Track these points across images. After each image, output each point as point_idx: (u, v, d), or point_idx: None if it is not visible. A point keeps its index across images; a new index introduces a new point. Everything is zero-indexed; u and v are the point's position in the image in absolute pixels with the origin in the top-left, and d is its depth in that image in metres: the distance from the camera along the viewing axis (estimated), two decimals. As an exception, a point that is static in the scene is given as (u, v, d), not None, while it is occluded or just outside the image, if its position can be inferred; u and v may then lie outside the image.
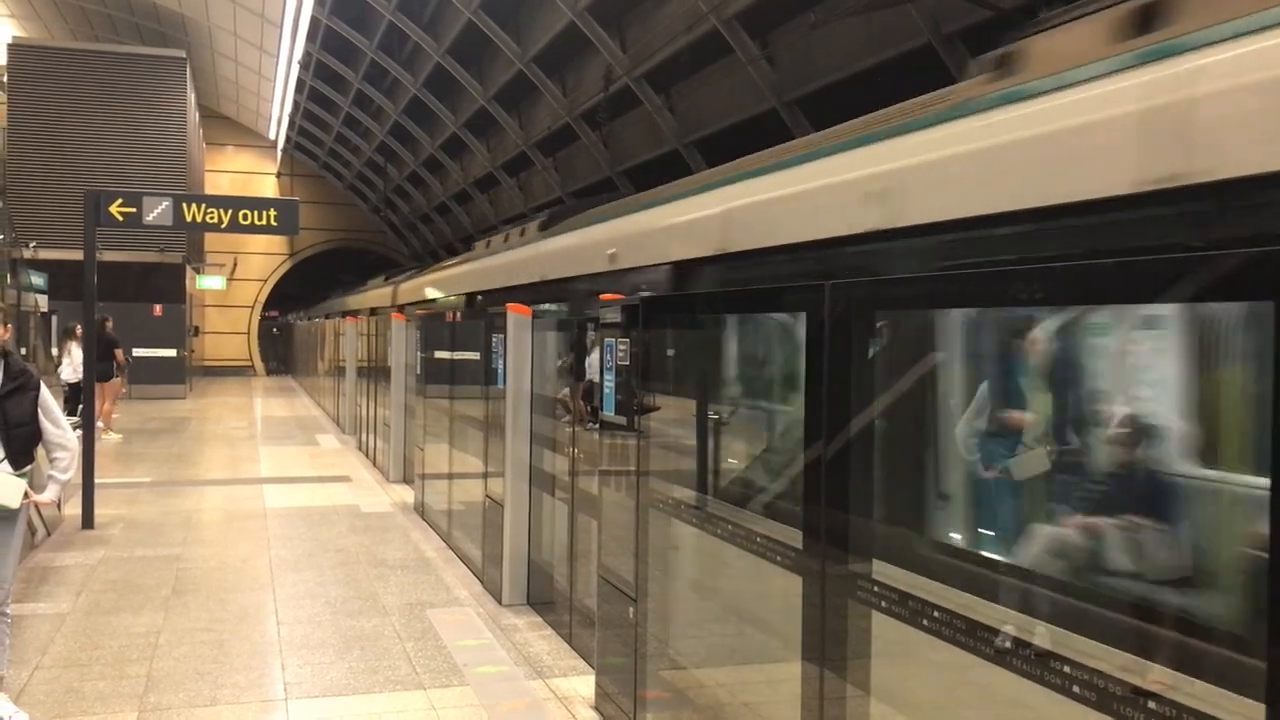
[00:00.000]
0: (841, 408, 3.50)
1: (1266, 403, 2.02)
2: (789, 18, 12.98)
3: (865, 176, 3.58)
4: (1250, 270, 2.10)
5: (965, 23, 10.21)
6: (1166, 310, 2.65)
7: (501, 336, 7.97)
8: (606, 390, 5.61)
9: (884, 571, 3.34)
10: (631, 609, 5.20)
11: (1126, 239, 2.51)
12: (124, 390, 19.97)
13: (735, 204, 4.63)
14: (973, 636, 2.90)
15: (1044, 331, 3.25)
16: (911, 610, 3.12)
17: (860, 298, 3.49)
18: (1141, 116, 2.48)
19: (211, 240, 37.63)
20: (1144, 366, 2.98)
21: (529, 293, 8.08)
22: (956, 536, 3.51)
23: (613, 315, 5.49)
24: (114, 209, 10.78)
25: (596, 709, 5.76)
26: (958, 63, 10.66)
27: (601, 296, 5.81)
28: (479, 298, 10.20)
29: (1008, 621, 2.95)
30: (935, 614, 3.01)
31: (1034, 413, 3.50)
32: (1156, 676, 2.44)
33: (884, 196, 3.45)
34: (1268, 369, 2.00)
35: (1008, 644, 2.81)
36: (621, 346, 5.35)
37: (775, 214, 4.25)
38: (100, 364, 14.08)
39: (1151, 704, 2.30)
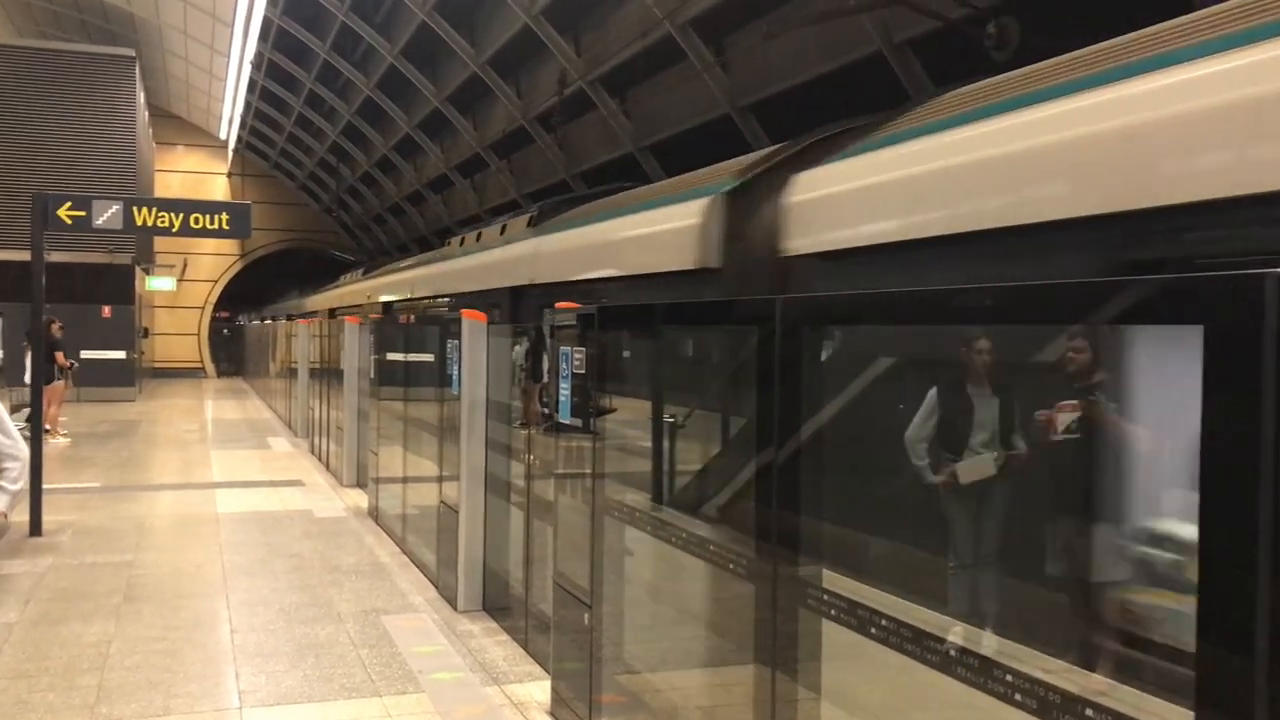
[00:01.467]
0: (791, 416, 3.58)
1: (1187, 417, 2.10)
2: (743, 24, 13.09)
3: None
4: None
5: (915, 32, 10.36)
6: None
7: (457, 342, 7.98)
8: (562, 396, 5.65)
9: (833, 578, 3.42)
10: (586, 614, 5.25)
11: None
12: (67, 393, 19.67)
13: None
14: (918, 643, 2.98)
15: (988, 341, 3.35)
16: (860, 618, 3.20)
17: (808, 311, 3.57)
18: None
19: (162, 241, 37.15)
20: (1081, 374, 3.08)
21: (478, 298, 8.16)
22: (903, 542, 3.60)
23: (568, 322, 5.54)
24: (63, 213, 10.65)
25: (552, 714, 5.80)
26: (908, 71, 10.83)
27: (558, 305, 5.86)
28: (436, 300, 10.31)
29: (952, 626, 3.03)
30: (883, 621, 3.09)
31: (980, 419, 3.60)
32: (1095, 684, 2.53)
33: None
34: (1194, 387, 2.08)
35: (952, 651, 2.89)
36: (577, 354, 5.40)
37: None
38: (43, 367, 13.89)
39: (1089, 711, 2.39)
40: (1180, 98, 3.51)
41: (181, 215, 11.14)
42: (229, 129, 37.79)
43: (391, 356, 10.97)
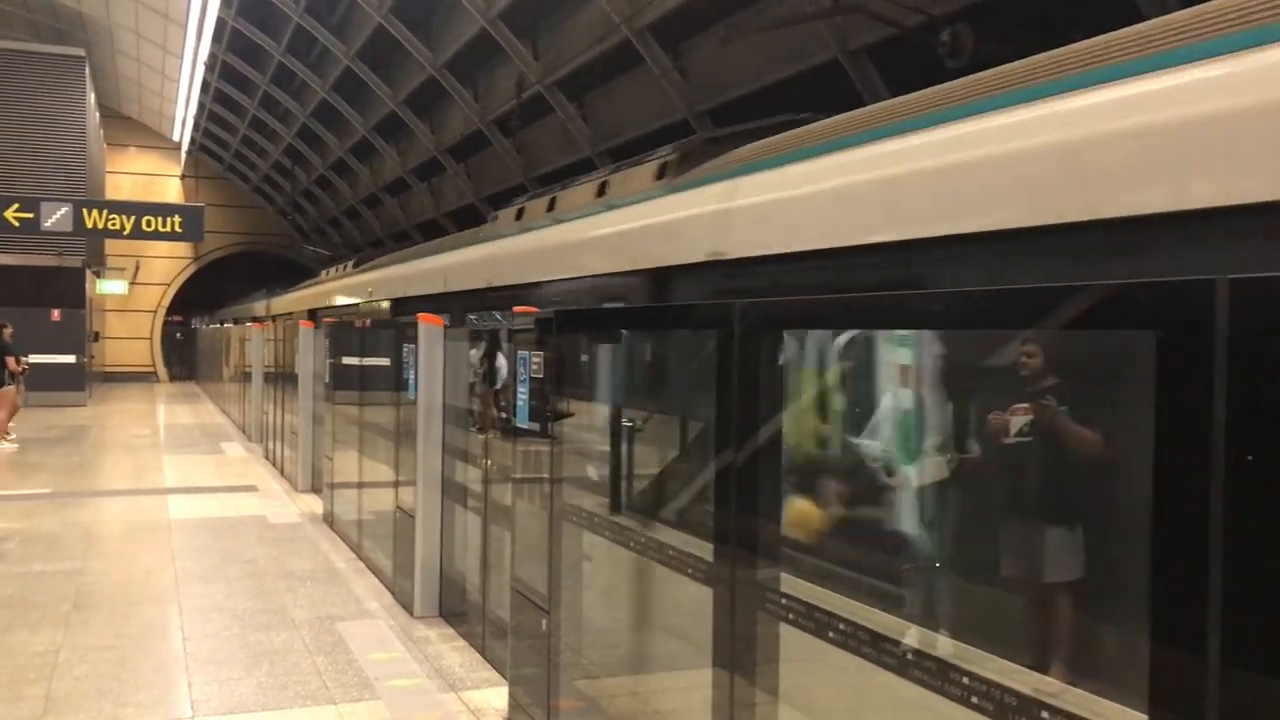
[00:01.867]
0: (749, 419, 3.59)
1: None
2: (700, 30, 13.13)
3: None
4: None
5: (871, 39, 10.45)
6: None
7: (413, 346, 7.94)
8: (520, 401, 5.63)
9: (791, 583, 3.43)
10: (544, 620, 5.23)
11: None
12: (19, 399, 19.31)
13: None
14: (875, 646, 3.00)
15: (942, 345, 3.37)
16: (818, 621, 3.21)
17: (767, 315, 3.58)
18: None
19: (113, 244, 36.57)
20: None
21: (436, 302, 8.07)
22: (860, 545, 3.62)
23: (527, 326, 5.52)
24: (10, 214, 10.48)
25: (509, 720, 5.78)
26: (864, 77, 10.91)
27: (516, 309, 5.84)
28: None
29: (908, 628, 3.05)
30: (840, 625, 3.11)
31: (934, 421, 3.62)
32: (1046, 685, 2.56)
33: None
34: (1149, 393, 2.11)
35: (909, 654, 2.91)
36: (535, 359, 5.38)
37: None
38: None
39: (1045, 714, 2.41)
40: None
41: (133, 218, 11.03)
42: (182, 130, 37.33)
43: (347, 360, 10.88)
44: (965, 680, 2.64)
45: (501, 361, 6.74)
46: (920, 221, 4.13)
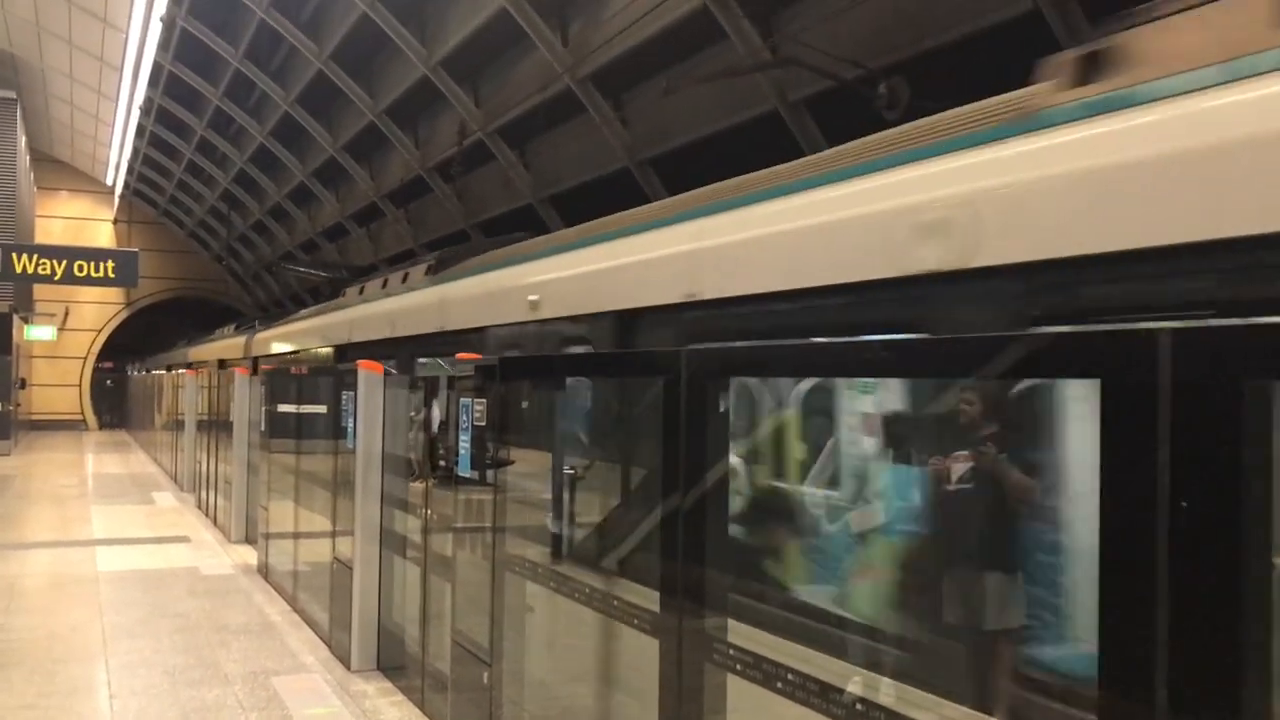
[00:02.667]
0: (695, 466, 3.58)
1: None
2: (642, 80, 13.26)
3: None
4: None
5: (809, 91, 10.62)
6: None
7: (352, 393, 7.84)
8: (462, 449, 5.57)
9: (738, 630, 3.41)
10: (486, 672, 5.15)
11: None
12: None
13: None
14: (822, 695, 2.98)
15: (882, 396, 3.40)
16: (765, 672, 3.19)
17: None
18: None
19: (42, 289, 35.84)
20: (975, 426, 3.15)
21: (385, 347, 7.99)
22: (801, 591, 3.61)
23: (468, 373, 5.48)
24: (-65, 258, 10.22)
25: (449, 775, 5.65)
26: (802, 128, 11.07)
27: (459, 356, 5.80)
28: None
29: (850, 675, 3.04)
30: (789, 676, 3.09)
31: (876, 469, 3.65)
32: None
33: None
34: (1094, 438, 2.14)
35: (857, 703, 2.89)
36: (478, 405, 5.34)
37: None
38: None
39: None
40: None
41: (64, 262, 10.82)
42: (116, 174, 36.79)
43: (284, 408, 10.71)
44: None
45: (436, 410, 6.67)
46: None
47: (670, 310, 5.09)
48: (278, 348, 16.75)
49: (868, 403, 3.65)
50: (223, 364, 16.96)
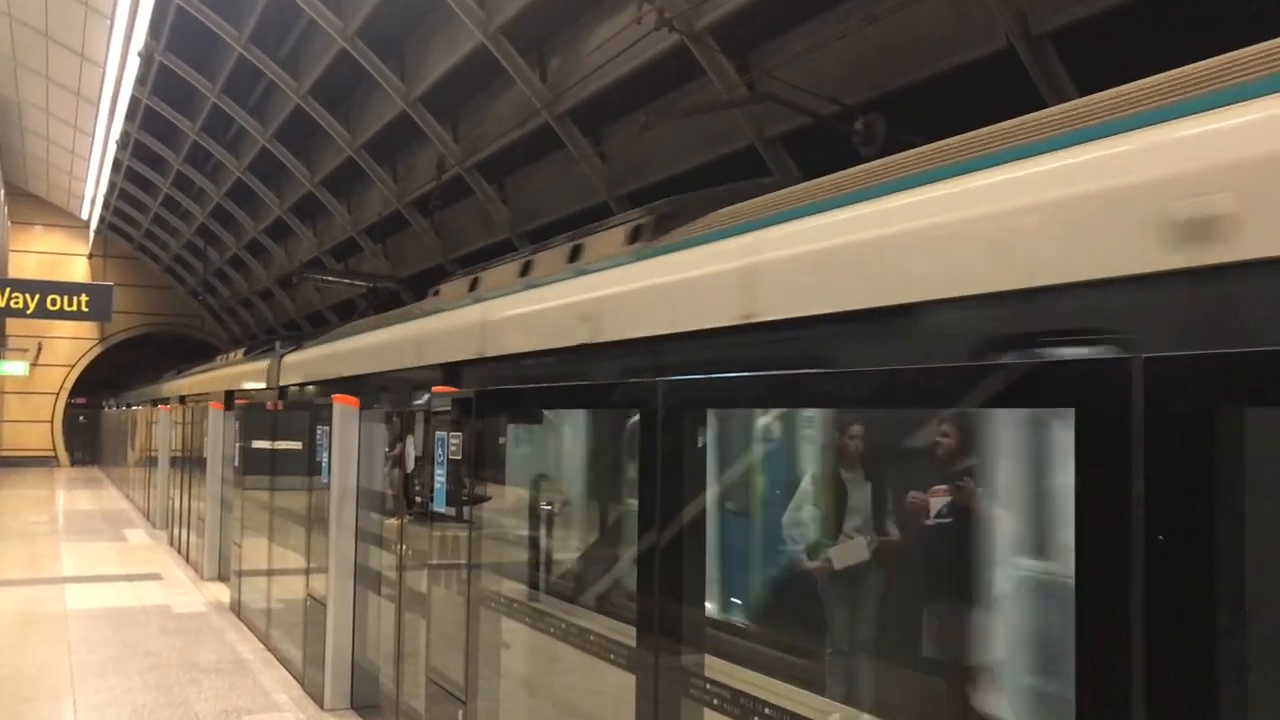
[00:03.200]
0: (672, 499, 3.55)
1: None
2: (620, 116, 13.32)
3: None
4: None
5: (785, 128, 10.70)
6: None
7: (327, 428, 7.77)
8: (437, 483, 5.52)
9: (714, 665, 3.37)
10: (461, 710, 5.08)
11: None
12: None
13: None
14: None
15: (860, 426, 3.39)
16: (743, 707, 3.15)
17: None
18: None
19: (14, 323, 35.57)
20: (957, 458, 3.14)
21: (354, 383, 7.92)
22: (786, 627, 3.58)
23: (444, 407, 5.44)
24: (-95, 292, 10.12)
25: (423, 816, 5.56)
26: (779, 163, 11.14)
27: (435, 389, 5.76)
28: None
29: (831, 710, 3.01)
30: (766, 710, 3.05)
31: (854, 503, 3.62)
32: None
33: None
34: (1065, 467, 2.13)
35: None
36: (454, 439, 5.29)
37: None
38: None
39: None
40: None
41: (38, 296, 10.72)
42: (91, 209, 36.64)
43: (258, 444, 10.61)
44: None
45: (411, 445, 6.62)
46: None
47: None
48: (323, 371, 13.60)
49: (840, 436, 3.63)
50: (230, 396, 14.84)
